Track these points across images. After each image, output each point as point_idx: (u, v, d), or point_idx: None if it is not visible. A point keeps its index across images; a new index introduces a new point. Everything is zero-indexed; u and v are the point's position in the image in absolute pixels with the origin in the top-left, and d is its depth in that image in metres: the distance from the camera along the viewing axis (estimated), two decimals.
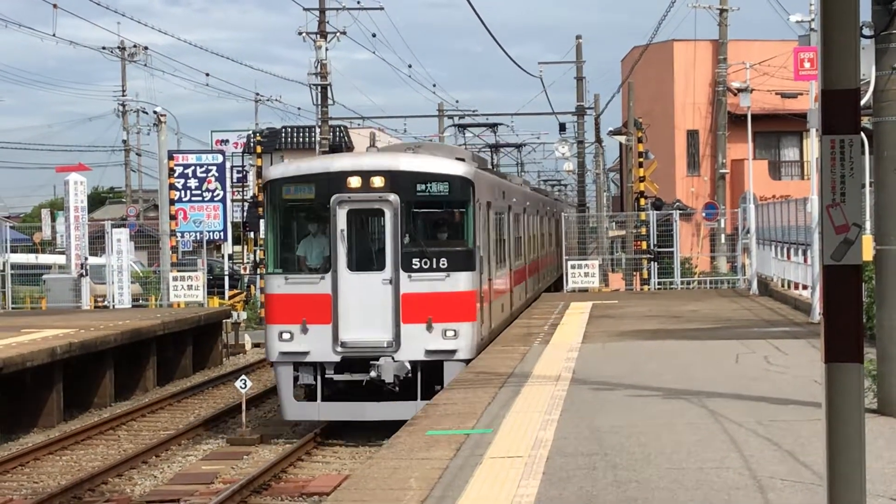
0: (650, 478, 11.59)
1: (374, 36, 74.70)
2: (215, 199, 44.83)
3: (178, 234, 44.58)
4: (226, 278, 47.51)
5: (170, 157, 45.45)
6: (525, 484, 11.48)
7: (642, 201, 52.10)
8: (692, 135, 63.08)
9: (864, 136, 15.86)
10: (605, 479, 11.57)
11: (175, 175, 44.69)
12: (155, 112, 52.12)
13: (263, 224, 24.44)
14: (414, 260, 22.42)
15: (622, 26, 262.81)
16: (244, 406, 24.16)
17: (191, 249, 45.89)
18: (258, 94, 73.33)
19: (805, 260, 31.18)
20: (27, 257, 53.85)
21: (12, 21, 57.79)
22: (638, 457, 12.58)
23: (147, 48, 68.11)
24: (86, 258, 43.18)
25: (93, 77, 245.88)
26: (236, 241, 61.94)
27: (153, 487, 20.18)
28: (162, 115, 48.37)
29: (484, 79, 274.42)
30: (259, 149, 54.49)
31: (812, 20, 29.35)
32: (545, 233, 43.32)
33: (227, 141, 74.44)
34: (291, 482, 19.86)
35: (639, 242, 49.44)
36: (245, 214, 58.57)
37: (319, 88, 50.96)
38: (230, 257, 51.09)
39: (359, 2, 51.92)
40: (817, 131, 6.80)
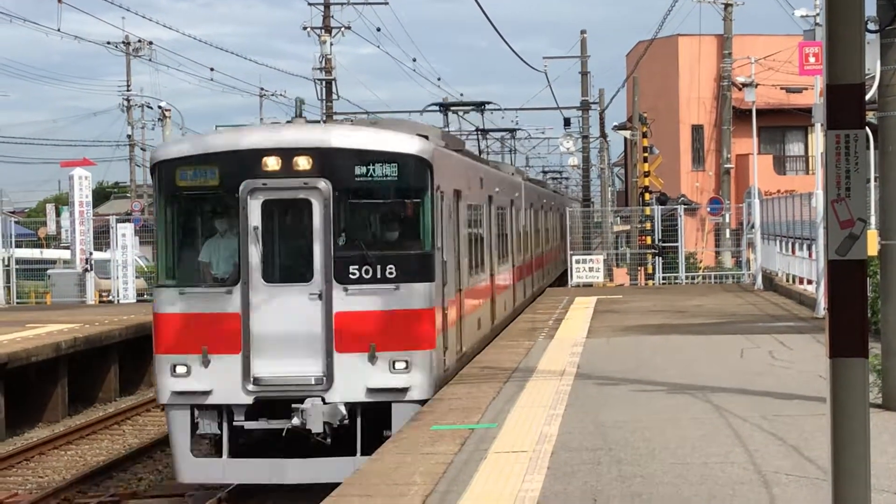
0: (655, 472, 11.59)
1: (379, 30, 74.70)
2: None
3: None
4: None
5: None
6: (530, 479, 11.49)
7: (647, 196, 52.11)
8: (697, 129, 63.03)
9: (869, 131, 15.85)
10: (610, 474, 11.57)
11: None
12: (160, 107, 52.21)
13: (154, 221, 19.01)
14: (352, 268, 17.12)
15: (627, 21, 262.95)
16: None
17: None
18: (263, 89, 73.50)
19: (810, 255, 31.17)
20: (32, 252, 53.86)
21: (17, 16, 57.98)
22: (643, 452, 12.58)
23: (152, 43, 68.31)
24: (90, 253, 43.20)
25: (97, 72, 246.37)
26: None
27: (158, 482, 20.22)
28: (167, 110, 48.43)
29: (488, 73, 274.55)
30: None
31: (817, 15, 29.33)
32: (544, 228, 40.76)
33: None
34: None
35: (643, 237, 49.45)
36: None
37: (324, 83, 50.96)
38: None
39: None
40: (822, 126, 6.79)
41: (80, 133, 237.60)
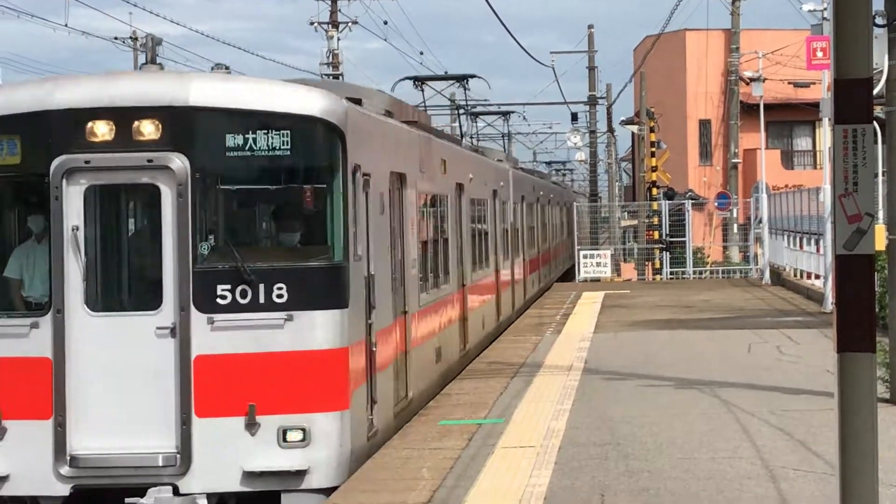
0: (662, 467, 11.59)
1: (386, 23, 74.73)
2: None
3: None
4: None
5: None
6: (537, 474, 11.49)
7: (654, 191, 52.13)
8: (704, 124, 63.00)
9: (877, 126, 15.84)
10: (618, 469, 11.57)
11: None
12: None
13: None
14: (221, 289, 11.54)
15: (634, 16, 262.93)
16: None
17: None
18: None
19: (817, 249, 31.16)
20: None
21: (24, 12, 58.07)
22: (650, 447, 12.58)
23: (161, 41, 68.35)
24: None
25: (105, 67, 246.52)
26: None
27: None
28: None
29: (496, 68, 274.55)
30: None
31: (825, 9, 29.33)
32: (540, 224, 37.01)
33: None
34: None
35: (651, 232, 49.46)
36: None
37: (331, 78, 51.00)
38: None
39: None
40: (830, 121, 6.79)
41: None
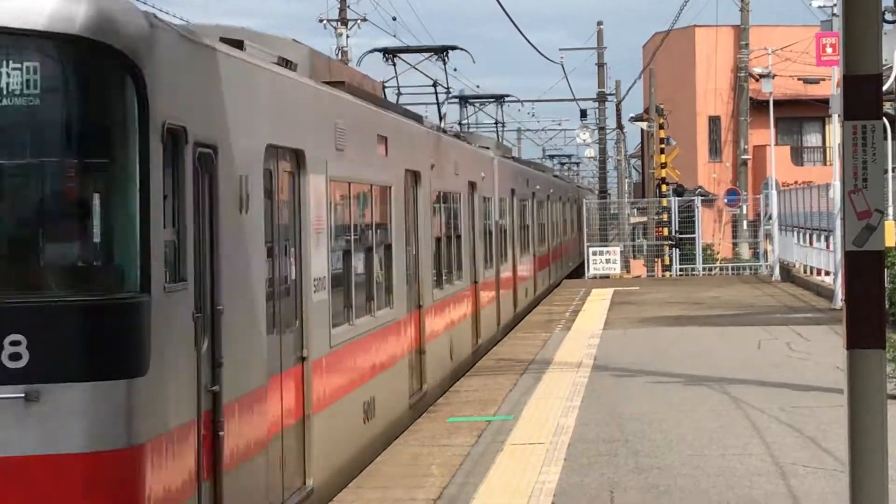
0: (672, 464, 11.58)
1: (395, 19, 74.43)
2: None
3: None
4: None
5: None
6: (546, 470, 11.49)
7: (664, 188, 52.05)
8: (714, 121, 62.91)
9: (887, 122, 15.85)
10: (627, 466, 11.57)
11: None
12: None
13: None
14: None
15: (643, 12, 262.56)
16: None
17: None
18: None
19: (827, 246, 31.11)
20: None
21: None
22: (660, 443, 12.57)
23: None
24: None
25: None
26: None
27: None
28: None
29: (505, 65, 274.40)
30: None
31: (834, 5, 29.22)
32: (538, 224, 34.28)
33: None
34: None
35: (660, 229, 49.41)
36: None
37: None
38: None
39: None
40: (839, 117, 6.77)
41: None
